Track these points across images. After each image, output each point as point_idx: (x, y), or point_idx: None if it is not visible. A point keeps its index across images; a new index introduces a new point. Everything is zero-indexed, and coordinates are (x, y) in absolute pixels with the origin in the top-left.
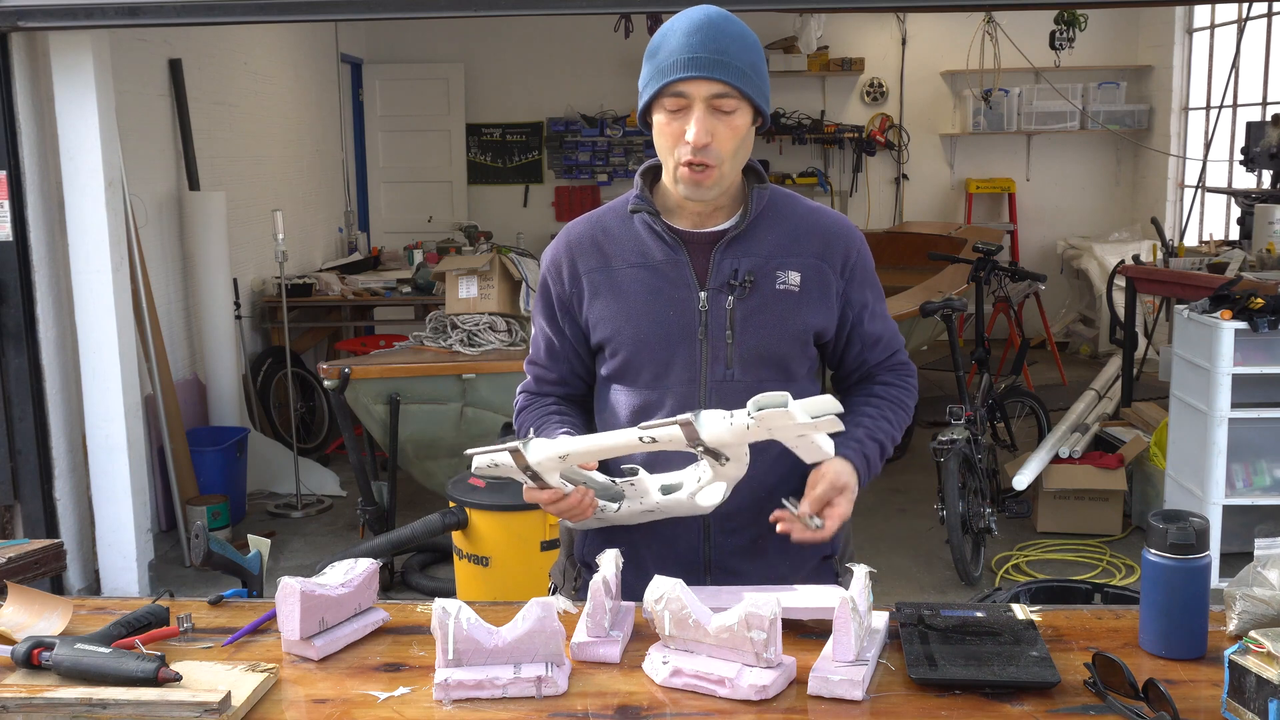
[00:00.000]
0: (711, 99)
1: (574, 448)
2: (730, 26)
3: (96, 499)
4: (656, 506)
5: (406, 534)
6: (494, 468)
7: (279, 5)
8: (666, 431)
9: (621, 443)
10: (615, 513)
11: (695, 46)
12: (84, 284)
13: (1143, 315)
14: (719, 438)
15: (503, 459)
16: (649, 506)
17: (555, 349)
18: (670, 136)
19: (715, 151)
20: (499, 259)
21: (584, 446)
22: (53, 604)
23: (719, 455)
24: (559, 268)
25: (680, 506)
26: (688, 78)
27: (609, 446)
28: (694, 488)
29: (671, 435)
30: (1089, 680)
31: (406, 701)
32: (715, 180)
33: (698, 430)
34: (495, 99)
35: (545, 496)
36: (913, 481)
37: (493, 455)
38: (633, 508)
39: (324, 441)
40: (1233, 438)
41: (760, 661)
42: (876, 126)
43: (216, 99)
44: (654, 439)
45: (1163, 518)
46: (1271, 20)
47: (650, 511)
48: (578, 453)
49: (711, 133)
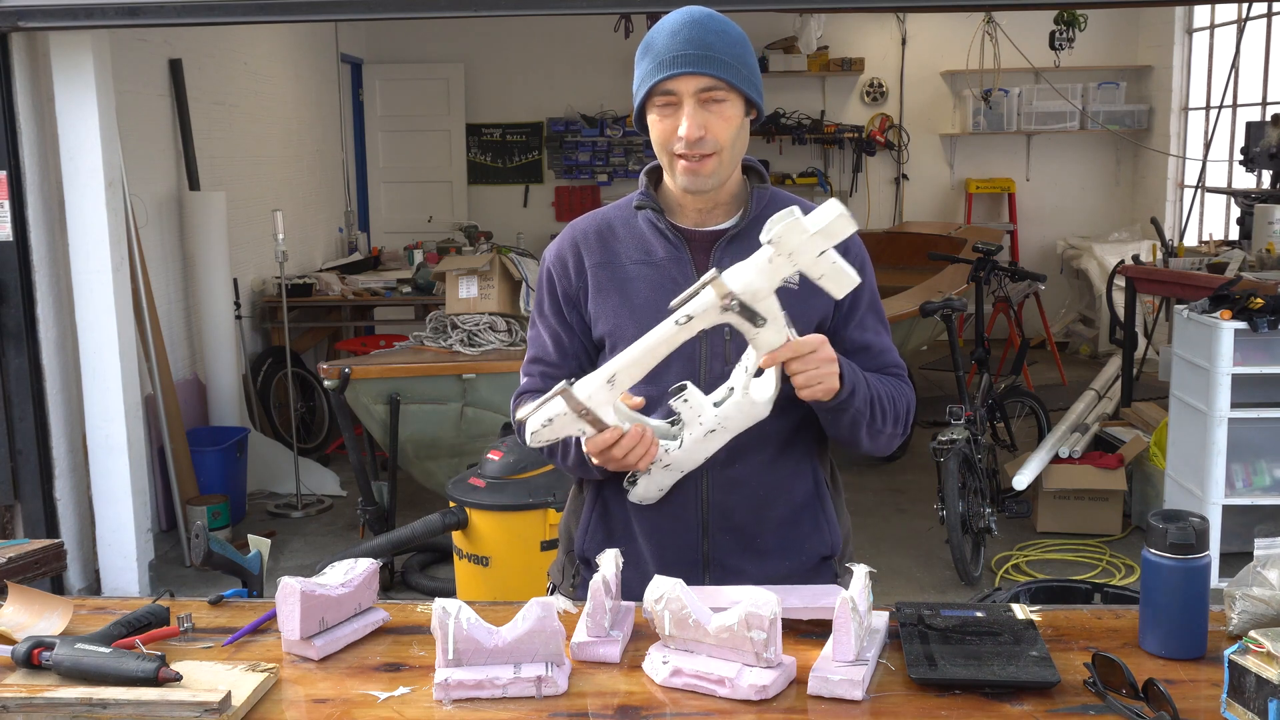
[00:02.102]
0: (700, 93)
1: (618, 365)
2: (713, 23)
3: (96, 499)
4: (717, 423)
5: (406, 534)
6: (548, 425)
7: (279, 5)
8: (699, 303)
9: (661, 336)
10: (679, 450)
11: (680, 45)
12: (84, 284)
13: (1142, 315)
14: (749, 284)
15: (554, 408)
16: (709, 425)
17: (564, 345)
18: (664, 133)
19: (711, 140)
20: (499, 259)
21: (627, 359)
22: (53, 604)
23: (754, 315)
24: (564, 263)
25: (739, 411)
26: (674, 74)
27: (650, 346)
28: (744, 383)
29: (705, 304)
30: (1089, 680)
31: (406, 701)
32: (714, 169)
33: (725, 284)
34: (495, 99)
35: (607, 438)
36: (913, 481)
37: (543, 410)
38: (694, 434)
39: (324, 441)
40: (1232, 438)
41: (760, 661)
42: (876, 126)
43: (216, 99)
44: (689, 316)
45: (1163, 518)
46: (1271, 20)
47: (713, 431)
48: (623, 367)
49: (704, 125)
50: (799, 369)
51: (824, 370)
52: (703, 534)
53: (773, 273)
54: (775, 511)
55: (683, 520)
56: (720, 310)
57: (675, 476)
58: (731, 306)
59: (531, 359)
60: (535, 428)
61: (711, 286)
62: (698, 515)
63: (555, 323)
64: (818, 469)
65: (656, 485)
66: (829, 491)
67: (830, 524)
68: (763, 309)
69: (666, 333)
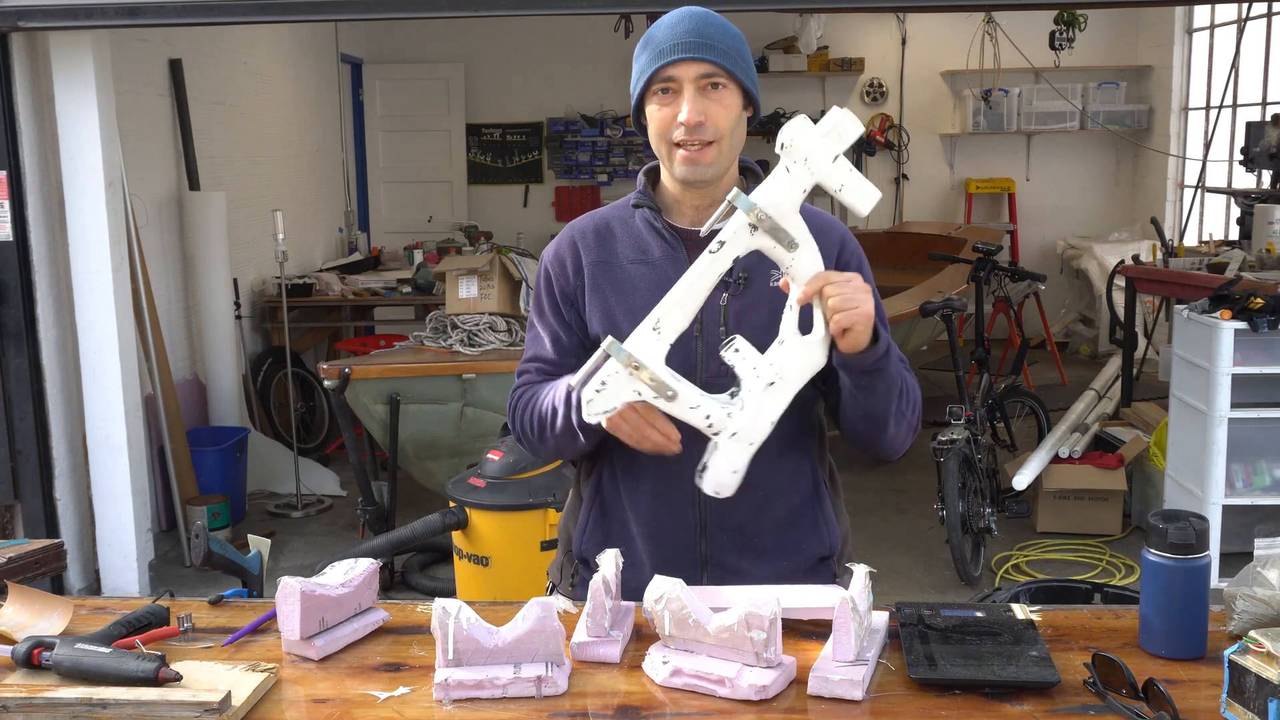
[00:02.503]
0: (700, 79)
1: (660, 311)
2: (712, 17)
3: (96, 499)
4: (775, 374)
5: (406, 534)
6: (603, 390)
7: (279, 5)
8: (730, 227)
9: (698, 270)
10: (742, 412)
11: (680, 35)
12: (84, 284)
13: (1142, 315)
14: (775, 201)
15: (607, 369)
16: (767, 377)
17: (563, 344)
18: (663, 122)
19: (711, 128)
20: (499, 259)
21: (669, 302)
22: (53, 604)
23: (785, 236)
24: (562, 261)
25: (795, 356)
26: (675, 60)
27: (689, 282)
28: (793, 328)
29: (735, 228)
30: (1089, 680)
31: (406, 701)
32: (713, 158)
33: (750, 199)
34: (495, 99)
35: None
36: (913, 481)
37: (596, 376)
38: (753, 390)
39: (324, 441)
40: (1232, 438)
41: (760, 661)
42: (876, 126)
43: (216, 99)
44: (721, 242)
45: (1163, 518)
46: (1271, 20)
47: (772, 384)
48: (666, 311)
49: (704, 112)
50: (833, 291)
51: (861, 296)
52: (701, 533)
53: (792, 183)
54: (774, 512)
55: (681, 519)
56: (750, 231)
57: (746, 450)
58: (762, 222)
59: (529, 357)
60: (590, 396)
61: (736, 205)
62: (696, 515)
63: (554, 321)
64: (817, 469)
65: (729, 465)
66: (828, 492)
67: (829, 524)
68: (791, 228)
69: (702, 265)
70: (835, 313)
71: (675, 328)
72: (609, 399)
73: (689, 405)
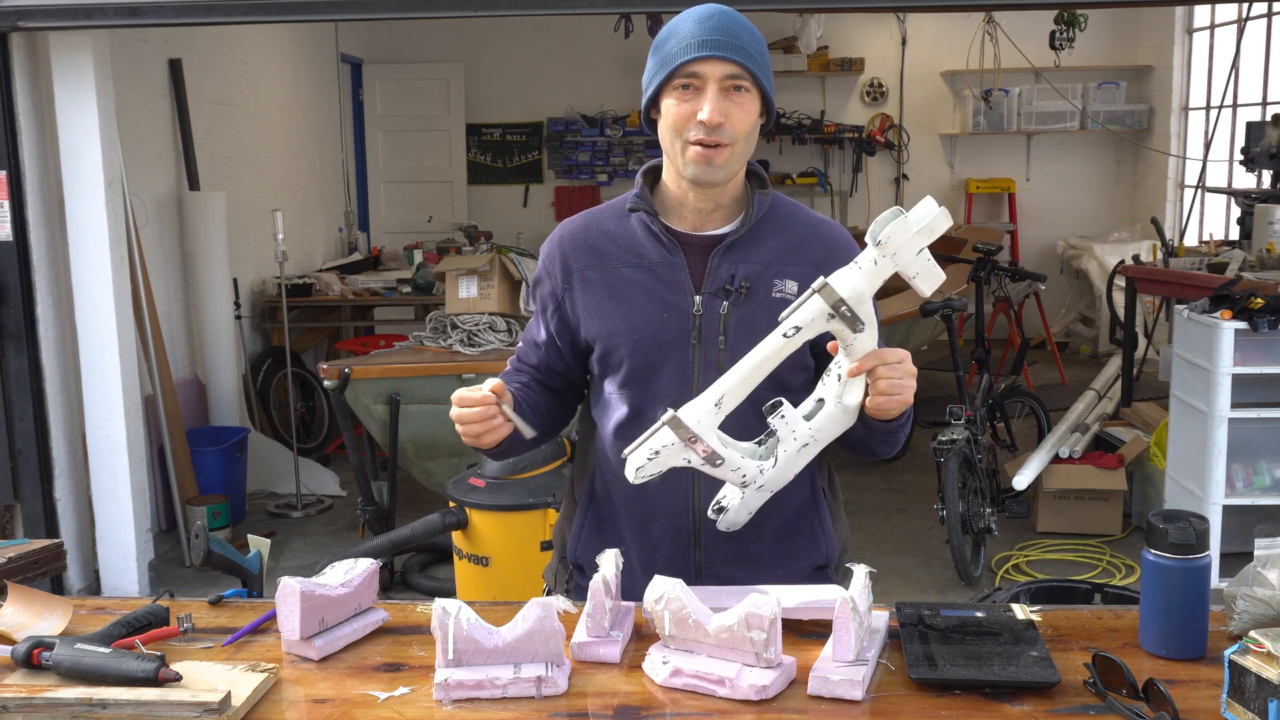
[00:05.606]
0: (725, 79)
1: (724, 386)
2: (739, 18)
3: (96, 499)
4: (810, 437)
5: (406, 534)
6: (655, 458)
7: (279, 5)
8: (807, 312)
9: (768, 351)
10: (774, 469)
11: (709, 30)
12: (84, 284)
13: (1143, 315)
14: (856, 288)
15: (661, 439)
16: (803, 440)
17: (538, 341)
18: (681, 117)
19: (729, 130)
20: (499, 259)
21: (733, 379)
22: (53, 604)
23: (857, 320)
24: (552, 264)
25: (831, 421)
26: (702, 57)
27: (757, 363)
28: (837, 393)
29: (814, 312)
30: (1089, 680)
31: (406, 701)
32: (726, 160)
33: (835, 290)
34: (495, 99)
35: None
36: (913, 481)
37: (649, 443)
38: (788, 450)
39: (324, 441)
40: (1233, 438)
41: (760, 661)
42: (876, 126)
43: (216, 99)
44: (797, 327)
45: (1163, 518)
46: (1271, 20)
47: (805, 446)
48: (730, 388)
49: (724, 113)
50: (886, 375)
51: (907, 382)
52: (694, 543)
53: (877, 274)
54: (770, 521)
55: (675, 528)
56: (827, 319)
57: (765, 497)
58: (841, 313)
59: (518, 350)
60: (640, 463)
61: (820, 295)
62: (690, 524)
63: (540, 320)
64: (815, 477)
65: (747, 509)
66: (826, 500)
67: (826, 534)
68: (863, 313)
69: (774, 347)
70: (880, 395)
71: (735, 402)
72: (658, 465)
73: (731, 469)
